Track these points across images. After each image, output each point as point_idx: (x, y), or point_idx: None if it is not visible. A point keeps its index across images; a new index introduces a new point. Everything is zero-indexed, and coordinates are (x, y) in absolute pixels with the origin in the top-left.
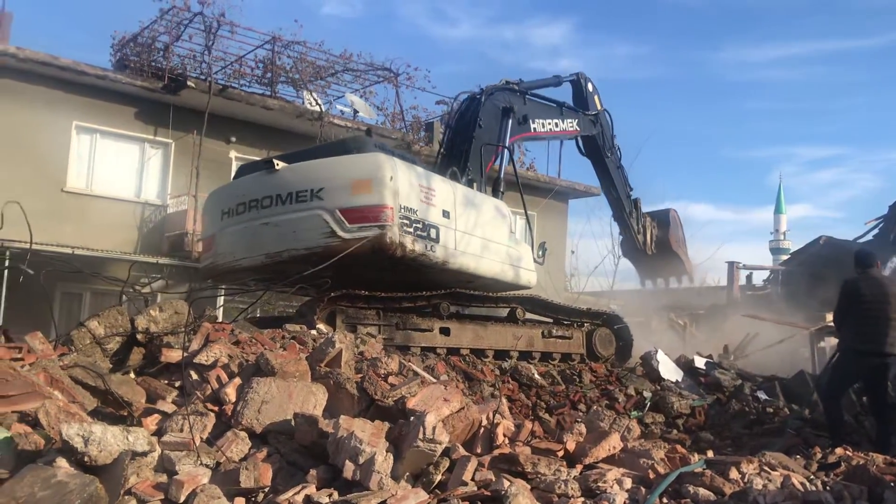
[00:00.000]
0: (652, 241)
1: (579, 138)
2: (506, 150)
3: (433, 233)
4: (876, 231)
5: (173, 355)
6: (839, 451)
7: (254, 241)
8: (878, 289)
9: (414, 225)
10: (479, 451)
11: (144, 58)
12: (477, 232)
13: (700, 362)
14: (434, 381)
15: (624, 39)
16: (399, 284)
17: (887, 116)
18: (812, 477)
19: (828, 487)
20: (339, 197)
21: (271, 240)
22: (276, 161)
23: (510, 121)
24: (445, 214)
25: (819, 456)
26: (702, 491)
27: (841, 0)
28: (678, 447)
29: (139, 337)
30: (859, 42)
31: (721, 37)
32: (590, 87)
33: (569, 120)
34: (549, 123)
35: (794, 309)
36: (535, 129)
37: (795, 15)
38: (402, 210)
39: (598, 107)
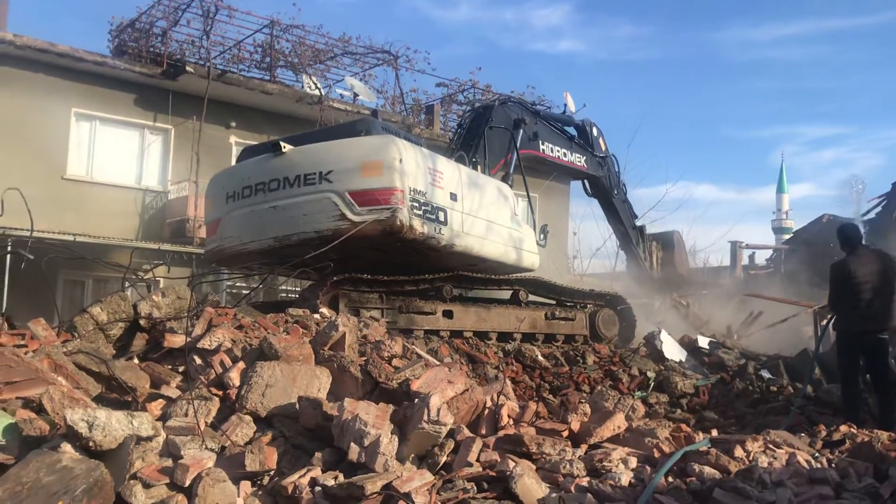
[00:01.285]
0: (658, 263)
1: (586, 180)
2: (518, 157)
3: (441, 215)
4: (879, 209)
5: (176, 340)
6: (844, 428)
7: (262, 224)
8: (866, 267)
9: (423, 207)
10: (483, 432)
11: (142, 43)
12: (481, 214)
13: (703, 342)
14: (438, 363)
15: (625, 20)
16: (404, 267)
17: (889, 95)
18: (817, 454)
19: (833, 465)
20: (348, 179)
21: (280, 223)
22: (282, 144)
23: (521, 133)
24: (453, 197)
25: (823, 434)
26: (707, 469)
27: None
28: (683, 426)
29: (142, 322)
30: (861, 20)
31: (723, 17)
32: (594, 130)
33: (577, 155)
34: (558, 150)
35: (797, 287)
36: (543, 150)
37: None
38: (412, 192)
39: (604, 150)
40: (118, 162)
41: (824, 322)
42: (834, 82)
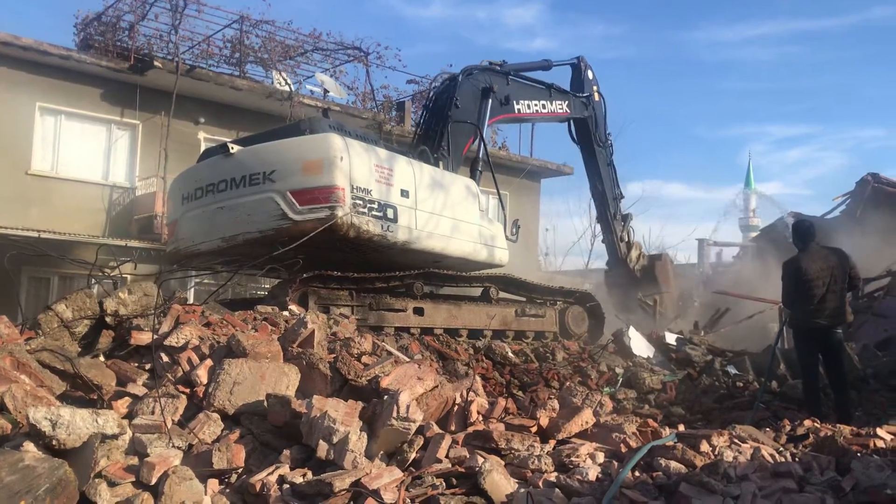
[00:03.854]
0: (637, 262)
1: (571, 123)
2: (491, 125)
3: (390, 213)
4: (843, 207)
5: (143, 338)
6: (807, 423)
7: (211, 225)
8: (818, 263)
9: (368, 205)
10: (453, 428)
11: (109, 37)
12: (445, 212)
13: (671, 338)
14: (408, 360)
15: (598, 19)
16: (369, 265)
17: (855, 95)
18: (781, 449)
19: (796, 459)
20: (290, 179)
21: (226, 224)
22: (230, 145)
23: (490, 101)
24: (404, 194)
25: (788, 428)
26: (673, 464)
27: None
28: (650, 421)
29: (108, 320)
30: (829, 22)
31: (695, 17)
32: (590, 74)
33: (558, 102)
34: (536, 105)
35: (763, 284)
36: (519, 109)
37: None
38: (355, 190)
39: (594, 90)
40: (84, 157)
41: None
42: (801, 82)
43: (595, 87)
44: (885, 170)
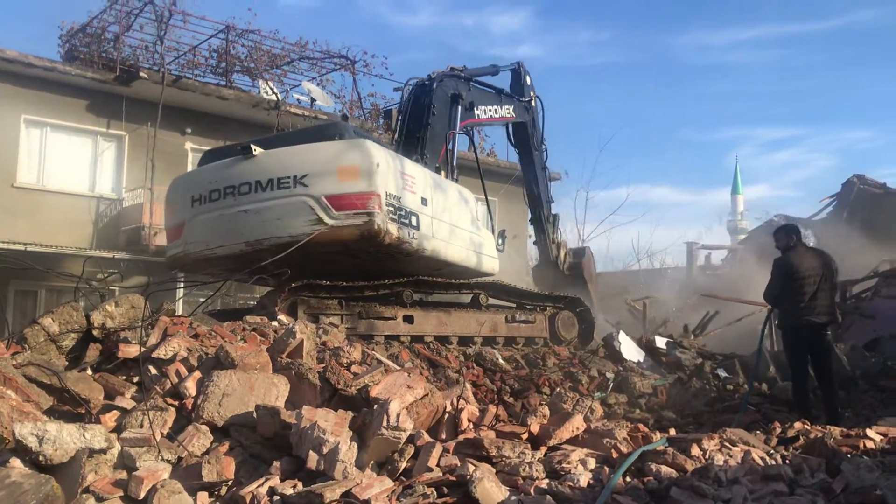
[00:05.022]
0: (566, 262)
1: (510, 126)
2: (460, 136)
3: (413, 220)
4: (830, 209)
5: (131, 350)
6: (798, 425)
7: (232, 228)
8: (809, 262)
9: (398, 212)
10: (443, 436)
11: (94, 49)
12: (446, 217)
13: (661, 342)
14: (398, 368)
15: (585, 25)
16: (364, 273)
17: (841, 97)
18: (772, 451)
19: (787, 461)
20: (324, 183)
21: (252, 227)
22: (253, 146)
23: (459, 107)
24: (423, 202)
25: (778, 431)
26: (664, 468)
27: None
28: (641, 426)
29: (95, 333)
30: (815, 25)
31: (682, 21)
32: (528, 80)
33: (506, 106)
34: (490, 110)
35: (751, 287)
36: (478, 115)
37: None
38: (387, 197)
39: (532, 95)
40: (70, 169)
41: (773, 319)
42: (788, 85)
43: (532, 93)
44: (871, 171)
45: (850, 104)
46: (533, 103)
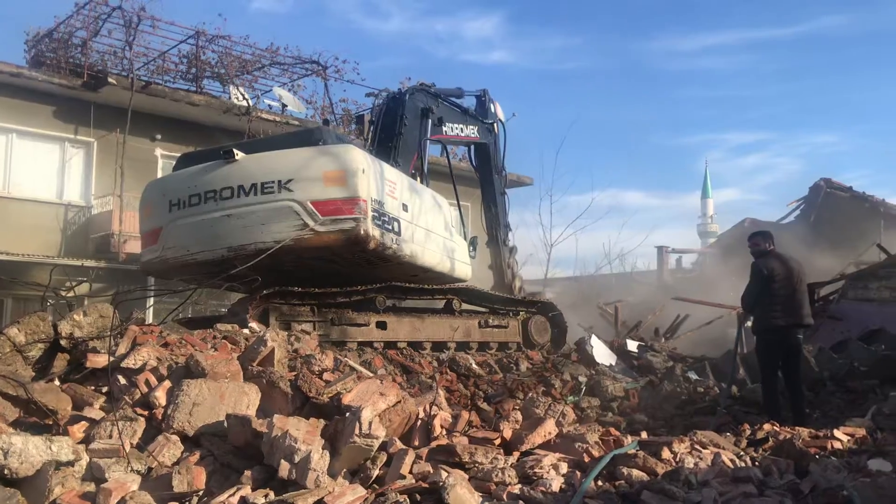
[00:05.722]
0: (520, 293)
1: (472, 148)
2: (431, 143)
3: (395, 225)
4: (797, 212)
5: (99, 360)
6: (767, 426)
7: (213, 233)
8: (785, 265)
9: (382, 218)
10: (416, 443)
11: (61, 54)
12: (422, 222)
13: (633, 346)
14: (370, 375)
15: (556, 31)
16: (335, 279)
17: (808, 102)
18: (741, 453)
19: (756, 463)
20: (310, 188)
21: (234, 232)
22: (235, 151)
23: (429, 121)
24: (405, 207)
25: (748, 433)
26: (635, 472)
27: None
28: (612, 430)
29: (63, 343)
30: (783, 31)
31: (652, 27)
32: (492, 108)
33: (471, 126)
34: (457, 128)
35: (721, 290)
36: (446, 131)
37: (722, 5)
38: (373, 202)
39: (498, 117)
40: (38, 176)
41: (747, 323)
42: (757, 90)
43: (496, 108)
44: (837, 174)
45: (816, 109)
46: (496, 129)
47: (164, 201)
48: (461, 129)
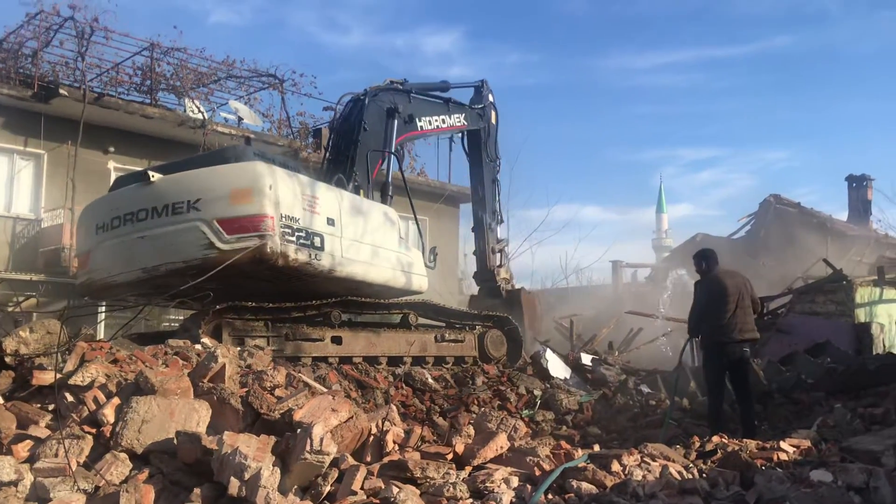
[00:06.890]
0: (508, 284)
1: (465, 135)
2: (392, 154)
3: (317, 241)
4: (748, 227)
5: (46, 377)
6: (716, 439)
7: (130, 255)
8: (729, 281)
9: (297, 234)
10: (368, 459)
11: (11, 64)
12: (366, 239)
13: (587, 359)
14: (324, 391)
15: (514, 47)
16: (286, 294)
17: (760, 119)
18: (690, 465)
19: (704, 475)
20: (217, 207)
21: (148, 254)
22: (150, 172)
23: (395, 121)
24: (330, 222)
25: (697, 445)
26: (584, 485)
27: (716, 10)
28: (563, 443)
29: (7, 360)
30: (734, 49)
31: (606, 45)
32: (490, 97)
33: (456, 115)
34: (436, 120)
35: (674, 304)
36: (421, 126)
37: (675, 24)
38: (284, 219)
39: (490, 101)
40: None
41: (694, 341)
42: (709, 107)
43: (493, 108)
44: (788, 190)
45: (768, 125)
46: (493, 120)
47: (91, 224)
48: (442, 120)
